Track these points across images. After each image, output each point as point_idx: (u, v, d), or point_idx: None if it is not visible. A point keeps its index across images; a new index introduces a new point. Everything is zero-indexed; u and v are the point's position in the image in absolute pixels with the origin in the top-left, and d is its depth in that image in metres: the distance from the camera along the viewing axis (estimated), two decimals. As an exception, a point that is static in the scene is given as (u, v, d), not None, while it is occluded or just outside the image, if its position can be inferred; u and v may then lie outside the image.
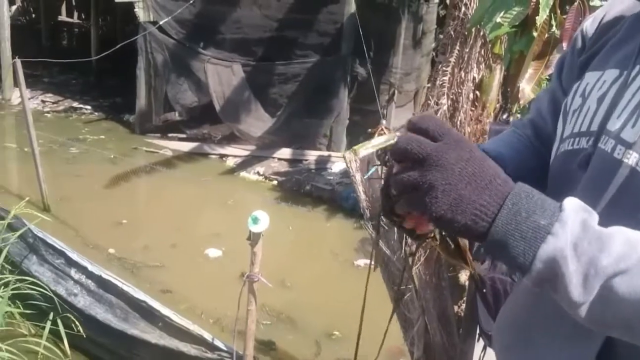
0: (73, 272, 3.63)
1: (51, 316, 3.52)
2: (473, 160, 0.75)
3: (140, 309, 3.32)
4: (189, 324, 3.13)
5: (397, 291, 2.80)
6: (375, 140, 0.85)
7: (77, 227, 5.55)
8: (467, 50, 7.15)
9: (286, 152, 8.28)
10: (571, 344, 0.87)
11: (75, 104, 10.55)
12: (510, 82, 4.73)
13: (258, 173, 7.75)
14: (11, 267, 3.70)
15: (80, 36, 17.35)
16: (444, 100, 7.29)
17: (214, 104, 8.30)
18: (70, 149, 8.06)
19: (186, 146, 8.55)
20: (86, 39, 13.91)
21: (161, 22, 8.37)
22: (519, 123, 1.21)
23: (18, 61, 5.50)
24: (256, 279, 2.69)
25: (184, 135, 8.89)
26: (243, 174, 7.77)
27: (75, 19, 18.95)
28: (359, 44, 8.25)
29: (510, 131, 1.20)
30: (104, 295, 3.49)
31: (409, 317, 2.81)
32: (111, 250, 5.21)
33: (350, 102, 8.45)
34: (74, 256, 3.61)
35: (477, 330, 2.56)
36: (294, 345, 4.05)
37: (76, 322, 3.47)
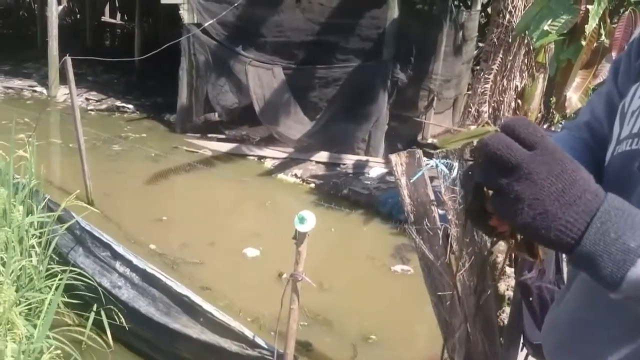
0: (118, 265, 3.71)
1: (95, 307, 3.61)
2: (564, 175, 0.74)
3: (183, 304, 3.38)
4: (231, 320, 3.17)
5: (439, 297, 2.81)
6: (466, 134, 0.85)
7: (119, 222, 5.66)
8: (510, 58, 7.08)
9: (324, 156, 8.32)
10: (633, 340, 0.86)
11: (118, 103, 10.78)
12: (556, 91, 4.67)
13: (295, 175, 7.80)
14: (58, 258, 3.81)
15: (122, 36, 17.71)
16: (485, 107, 7.25)
17: (253, 106, 8.38)
18: (113, 146, 8.23)
19: (225, 147, 8.66)
20: (128, 39, 14.22)
21: (205, 24, 8.49)
22: (573, 125, 1.20)
23: (68, 59, 5.65)
24: (300, 278, 2.73)
25: (223, 136, 9.00)
26: (281, 175, 7.84)
27: (118, 20, 19.33)
28: (400, 49, 8.26)
29: (565, 132, 1.19)
30: (147, 289, 3.56)
31: (450, 323, 2.81)
32: (152, 245, 5.30)
33: (390, 107, 8.45)
34: (119, 249, 3.69)
35: (521, 339, 2.55)
36: (330, 348, 4.07)
37: (119, 314, 3.55)
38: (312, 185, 7.55)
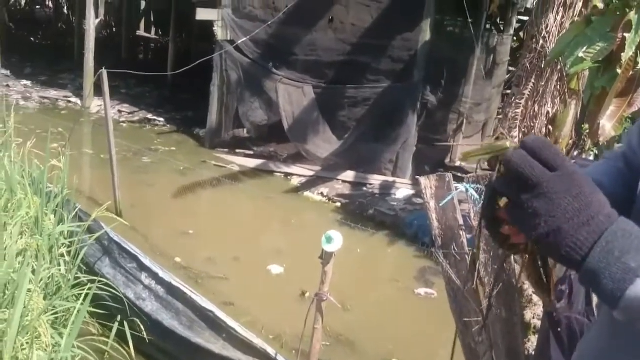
0: (144, 277, 3.74)
1: (119, 318, 3.63)
2: (580, 197, 0.78)
3: (206, 319, 3.39)
4: (254, 338, 3.17)
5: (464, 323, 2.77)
6: (485, 148, 0.88)
7: (146, 233, 5.71)
8: (543, 83, 7.04)
9: (351, 175, 8.32)
10: None
11: (150, 116, 10.93)
12: (589, 119, 4.61)
13: (322, 194, 7.80)
14: (85, 268, 3.85)
15: (156, 51, 18.00)
16: (515, 132, 7.19)
17: (282, 123, 8.43)
18: (143, 158, 8.33)
19: (253, 163, 8.71)
20: (162, 53, 14.44)
21: (238, 41, 8.60)
22: (612, 155, 1.24)
23: (104, 72, 5.75)
24: (325, 298, 2.71)
25: (251, 152, 9.06)
26: (307, 193, 7.85)
27: (152, 34, 19.68)
28: (431, 72, 8.25)
29: (603, 161, 1.24)
30: (171, 302, 3.58)
31: (475, 350, 2.77)
32: (177, 259, 5.34)
33: (418, 129, 8.43)
34: (146, 262, 3.72)
35: (548, 369, 2.50)
36: (351, 369, 4.04)
37: (142, 326, 3.56)
38: (338, 205, 7.54)
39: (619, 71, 4.08)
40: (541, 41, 7.04)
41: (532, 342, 2.95)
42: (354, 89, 8.44)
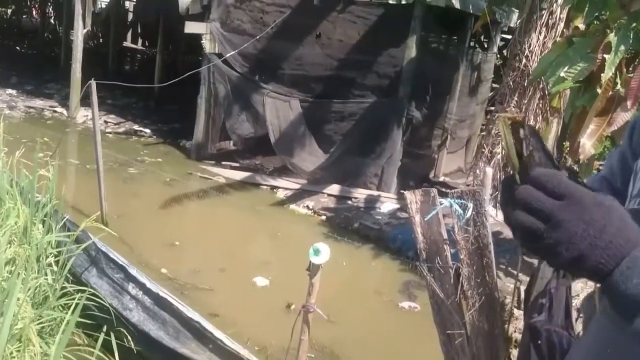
0: (130, 288, 3.75)
1: (105, 328, 3.63)
2: (593, 223, 0.82)
3: (193, 329, 3.40)
4: (240, 349, 3.19)
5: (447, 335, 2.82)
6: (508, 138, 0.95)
7: (132, 244, 5.71)
8: (525, 101, 7.16)
9: (336, 189, 8.37)
10: None
11: (136, 127, 10.92)
12: (570, 137, 4.71)
13: (307, 207, 7.85)
14: (72, 278, 3.85)
15: (143, 62, 18.00)
16: (498, 149, 7.31)
17: (269, 136, 8.48)
18: (129, 169, 8.33)
19: (239, 175, 8.74)
20: (149, 65, 14.43)
21: (226, 55, 8.65)
22: (595, 178, 1.32)
23: (93, 83, 5.77)
24: (312, 309, 2.75)
25: (237, 164, 9.09)
26: (293, 206, 7.89)
27: (139, 46, 19.67)
28: (417, 88, 8.36)
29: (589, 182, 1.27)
30: (158, 313, 3.59)
31: (458, 361, 2.82)
32: (163, 270, 5.34)
33: (403, 144, 8.52)
34: (133, 272, 3.73)
35: (528, 381, 2.55)
36: (336, 380, 4.07)
37: (128, 337, 3.57)
38: (323, 218, 7.58)
39: (599, 91, 4.17)
40: (524, 60, 7.15)
41: (514, 355, 3.01)
42: (341, 103, 8.52)
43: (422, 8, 8.15)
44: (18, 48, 17.94)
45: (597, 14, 4.37)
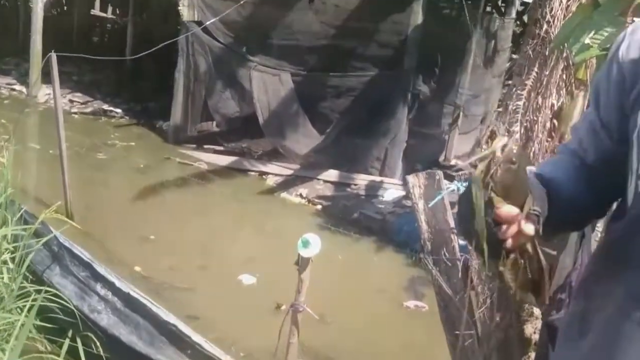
0: (99, 287, 3.76)
1: (70, 333, 3.64)
2: None
3: (169, 334, 3.41)
4: (222, 355, 3.20)
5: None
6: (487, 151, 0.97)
7: (102, 239, 5.72)
8: (547, 73, 7.17)
9: (333, 175, 8.37)
10: None
11: (105, 106, 10.90)
12: (596, 112, 4.73)
13: (301, 195, 7.85)
14: (32, 277, 3.85)
15: (113, 32, 17.89)
16: (516, 127, 7.31)
17: (257, 116, 8.47)
18: (98, 154, 8.33)
19: (223, 160, 8.74)
20: (120, 35, 14.37)
21: (207, 22, 8.61)
22: (564, 149, 1.35)
23: (53, 56, 5.74)
24: (301, 309, 2.76)
25: (221, 148, 9.08)
26: (284, 195, 7.89)
27: (109, 14, 19.56)
28: (424, 59, 8.33)
29: (559, 157, 1.35)
30: (130, 315, 3.60)
31: (467, 365, 2.83)
32: (137, 267, 5.35)
33: (409, 123, 8.51)
34: (101, 270, 3.74)
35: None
36: (331, 390, 4.09)
37: (97, 342, 3.58)
38: (319, 207, 7.59)
39: (628, 59, 4.17)
40: (545, 26, 7.18)
41: (531, 359, 3.02)
42: (338, 77, 8.51)
43: (429, -33, 8.13)
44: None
45: (626, -29, 4.36)
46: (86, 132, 8.74)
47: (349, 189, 8.15)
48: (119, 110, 10.78)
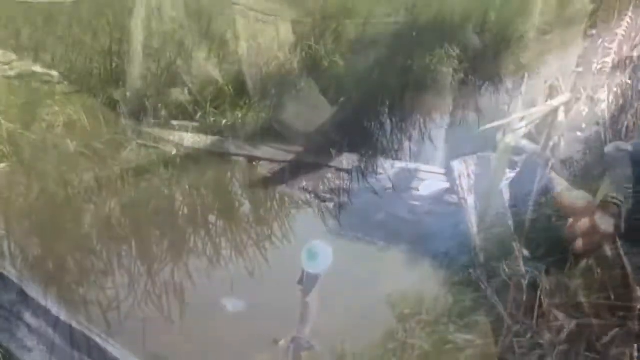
0: (28, 316, 3.77)
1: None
2: None
3: (126, 379, 3.43)
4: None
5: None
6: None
7: (30, 250, 5.73)
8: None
9: (349, 160, 8.35)
10: None
11: (37, 68, 10.89)
12: None
13: (304, 189, 7.85)
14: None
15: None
16: (603, 94, 7.35)
17: (244, 78, 8.45)
18: (27, 132, 8.33)
19: (199, 141, 8.73)
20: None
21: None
22: None
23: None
24: (307, 345, 2.76)
25: (196, 124, 9.07)
26: (282, 187, 7.89)
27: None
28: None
29: None
30: (71, 354, 3.62)
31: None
32: (81, 289, 5.36)
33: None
34: (32, 293, 3.75)
35: None
36: None
37: (27, 391, 3.61)
38: (330, 205, 7.59)
39: None
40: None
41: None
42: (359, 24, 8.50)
43: None
44: None
45: None
46: (10, 105, 8.74)
47: (370, 180, 8.13)
48: (54, 73, 10.77)
